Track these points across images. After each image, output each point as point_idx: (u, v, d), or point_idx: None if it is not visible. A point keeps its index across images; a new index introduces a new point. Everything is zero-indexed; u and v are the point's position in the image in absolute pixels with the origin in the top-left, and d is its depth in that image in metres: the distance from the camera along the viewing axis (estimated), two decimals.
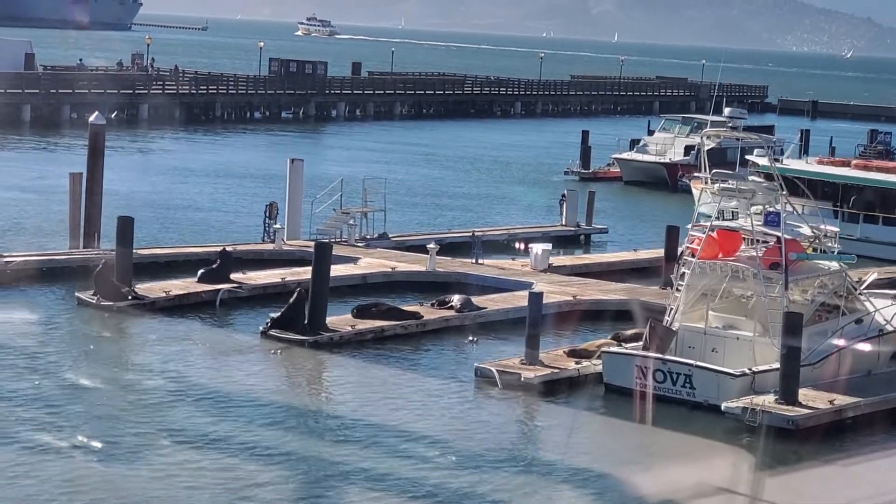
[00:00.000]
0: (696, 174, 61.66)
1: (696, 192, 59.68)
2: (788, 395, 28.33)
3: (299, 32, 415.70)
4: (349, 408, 28.62)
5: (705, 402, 29.34)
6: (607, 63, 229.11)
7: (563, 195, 54.35)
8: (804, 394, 28.72)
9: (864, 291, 33.98)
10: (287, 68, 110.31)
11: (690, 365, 29.73)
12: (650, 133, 79.30)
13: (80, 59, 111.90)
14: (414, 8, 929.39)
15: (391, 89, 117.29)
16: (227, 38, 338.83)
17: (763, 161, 55.32)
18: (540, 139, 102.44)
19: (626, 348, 31.35)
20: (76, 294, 36.14)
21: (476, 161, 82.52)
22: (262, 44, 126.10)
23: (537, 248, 43.15)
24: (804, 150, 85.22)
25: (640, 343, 31.07)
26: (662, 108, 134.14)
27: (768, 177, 54.64)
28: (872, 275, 38.71)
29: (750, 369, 29.64)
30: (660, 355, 30.09)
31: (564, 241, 50.95)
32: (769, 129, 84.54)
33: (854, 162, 56.16)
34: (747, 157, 57.84)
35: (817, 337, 30.54)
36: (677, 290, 31.65)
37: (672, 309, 31.43)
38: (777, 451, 27.10)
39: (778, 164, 54.71)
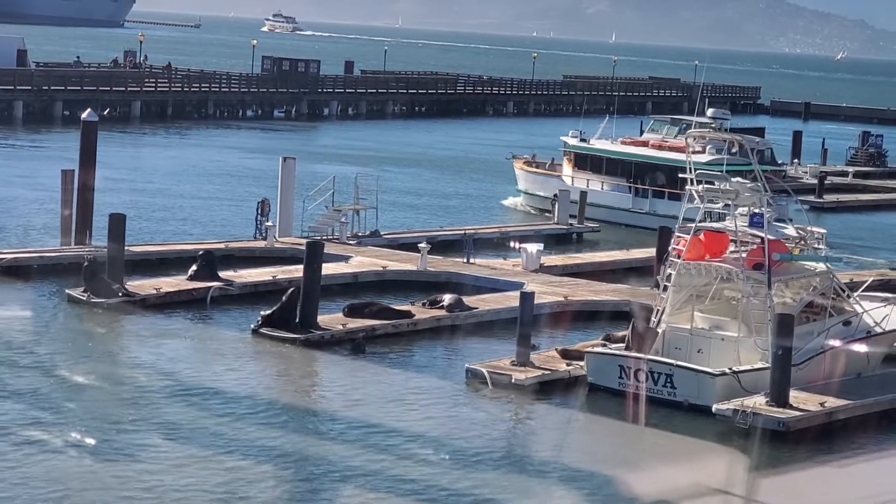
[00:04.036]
0: (515, 154, 64.56)
1: (517, 172, 62.48)
2: (779, 397, 28.32)
3: (265, 28, 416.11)
4: (339, 406, 28.57)
5: (686, 401, 29.36)
6: (602, 63, 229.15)
7: (556, 194, 54.51)
8: (795, 396, 28.70)
9: (859, 294, 33.98)
10: (280, 66, 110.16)
11: (671, 364, 29.76)
12: (641, 133, 79.31)
13: (78, 57, 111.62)
14: (408, 7, 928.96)
15: (384, 88, 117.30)
16: (221, 36, 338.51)
17: (572, 140, 58.16)
18: (532, 139, 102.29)
19: (610, 348, 31.37)
20: (67, 291, 36.08)
21: (468, 160, 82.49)
22: (255, 42, 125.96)
23: (529, 247, 43.15)
24: (796, 153, 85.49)
25: (624, 344, 31.12)
26: (655, 108, 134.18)
27: (579, 157, 57.96)
28: (870, 278, 38.72)
29: (731, 369, 29.65)
30: (642, 355, 30.09)
31: (557, 240, 50.97)
32: (760, 131, 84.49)
33: (651, 142, 58.48)
34: (562, 137, 60.58)
35: (802, 338, 30.46)
36: (664, 290, 31.64)
37: (659, 310, 31.43)
38: (768, 453, 27.08)
39: (585, 144, 57.98)
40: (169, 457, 24.54)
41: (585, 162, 58.55)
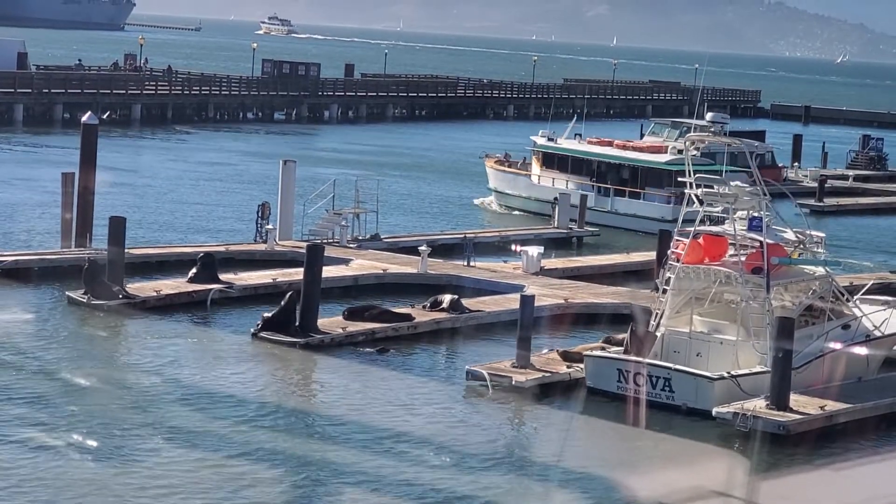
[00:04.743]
0: (488, 153, 65.58)
1: (488, 170, 63.44)
2: (779, 400, 28.31)
3: (261, 31, 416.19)
4: (339, 410, 28.57)
5: (684, 405, 29.33)
6: (603, 67, 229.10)
7: (556, 198, 54.53)
8: (795, 399, 28.67)
9: (859, 298, 33.95)
10: (280, 70, 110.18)
11: (669, 368, 29.73)
12: (642, 137, 79.42)
13: (79, 60, 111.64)
14: (408, 10, 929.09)
15: (384, 91, 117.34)
16: (221, 39, 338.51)
17: (541, 140, 58.97)
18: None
19: (609, 352, 31.37)
20: (67, 293, 36.10)
21: (468, 163, 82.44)
22: (255, 45, 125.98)
23: (529, 250, 43.15)
24: (796, 156, 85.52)
25: (622, 347, 31.12)
26: (655, 111, 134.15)
27: (546, 156, 59.03)
28: (869, 282, 38.70)
29: (729, 373, 29.63)
30: (640, 359, 30.07)
31: (557, 244, 50.93)
32: (760, 135, 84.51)
33: (616, 142, 60.05)
34: (531, 137, 61.59)
35: (801, 341, 30.40)
36: (663, 294, 31.62)
37: (657, 313, 31.40)
38: (768, 456, 27.08)
39: (553, 143, 59.47)
40: (168, 459, 24.54)
41: (553, 161, 59.42)
